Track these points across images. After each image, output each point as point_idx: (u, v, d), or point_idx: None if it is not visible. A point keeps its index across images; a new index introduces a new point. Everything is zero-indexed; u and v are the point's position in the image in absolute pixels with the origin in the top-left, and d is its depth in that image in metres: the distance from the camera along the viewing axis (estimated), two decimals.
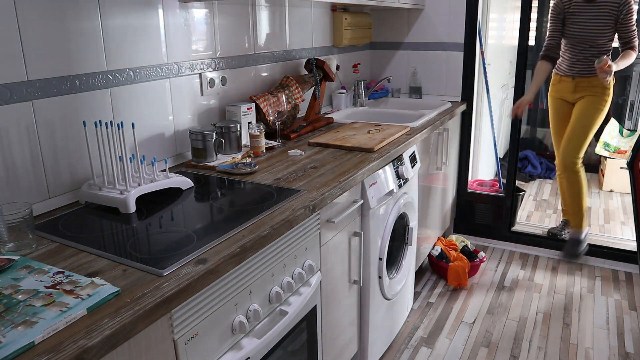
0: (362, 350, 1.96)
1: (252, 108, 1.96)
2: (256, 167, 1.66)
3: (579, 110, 2.70)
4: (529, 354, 2.17)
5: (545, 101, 4.77)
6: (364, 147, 1.90)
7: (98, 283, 0.94)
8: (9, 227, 1.08)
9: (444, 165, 2.79)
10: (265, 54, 2.18)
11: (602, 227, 3.43)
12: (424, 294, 2.63)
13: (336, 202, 1.59)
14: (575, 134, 2.68)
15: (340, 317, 1.74)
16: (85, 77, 1.40)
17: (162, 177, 1.44)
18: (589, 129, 2.67)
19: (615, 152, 4.03)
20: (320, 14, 2.57)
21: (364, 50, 3.11)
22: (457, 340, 2.26)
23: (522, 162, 4.49)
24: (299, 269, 1.40)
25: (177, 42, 1.71)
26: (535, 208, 3.77)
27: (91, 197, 1.36)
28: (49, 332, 0.81)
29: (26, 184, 1.29)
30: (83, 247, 1.12)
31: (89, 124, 1.43)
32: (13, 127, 1.25)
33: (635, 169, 2.24)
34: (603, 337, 2.28)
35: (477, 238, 3.23)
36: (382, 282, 1.96)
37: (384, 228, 1.94)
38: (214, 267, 1.03)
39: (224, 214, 1.30)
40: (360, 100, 2.82)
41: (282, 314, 1.32)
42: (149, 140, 1.66)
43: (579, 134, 2.67)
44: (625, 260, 2.87)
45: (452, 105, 2.86)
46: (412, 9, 2.98)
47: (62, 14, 1.32)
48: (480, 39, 3.01)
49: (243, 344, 1.19)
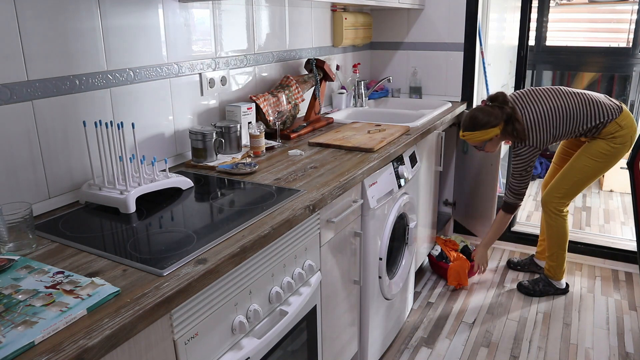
0: (362, 350, 1.96)
1: (252, 108, 1.96)
2: (256, 167, 1.66)
3: (575, 156, 2.43)
4: (529, 354, 2.17)
5: None
6: (364, 147, 1.90)
7: (98, 283, 0.94)
8: (9, 227, 1.08)
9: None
10: (265, 54, 2.18)
11: (602, 227, 3.43)
12: (424, 294, 2.63)
13: (336, 202, 1.59)
14: (561, 174, 2.44)
15: (340, 317, 1.74)
16: (85, 77, 1.40)
17: (162, 177, 1.44)
18: (575, 175, 2.39)
19: None
20: (320, 14, 2.57)
21: (364, 50, 3.11)
22: (457, 340, 2.26)
23: None
24: (299, 269, 1.40)
25: (177, 42, 1.71)
26: (535, 208, 3.77)
27: (91, 197, 1.36)
28: (49, 332, 0.81)
29: (26, 184, 1.29)
30: (83, 247, 1.12)
31: (89, 124, 1.43)
32: (13, 127, 1.25)
33: (635, 169, 2.24)
34: (603, 337, 2.28)
35: (477, 238, 3.23)
36: (382, 282, 1.96)
37: (384, 228, 1.94)
38: (214, 267, 1.03)
39: (224, 214, 1.30)
40: (360, 100, 2.82)
41: (282, 314, 1.32)
42: (149, 140, 1.66)
43: (563, 176, 2.43)
44: (625, 260, 2.87)
45: (452, 105, 2.86)
46: (412, 9, 2.98)
47: (62, 14, 1.32)
48: (480, 39, 3.01)
49: (243, 344, 1.19)
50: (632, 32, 4.35)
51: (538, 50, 4.71)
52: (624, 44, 4.43)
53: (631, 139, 2.30)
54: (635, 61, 4.34)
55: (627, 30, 4.38)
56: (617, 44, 4.47)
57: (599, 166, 2.35)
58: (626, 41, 4.40)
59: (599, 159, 2.32)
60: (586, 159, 2.35)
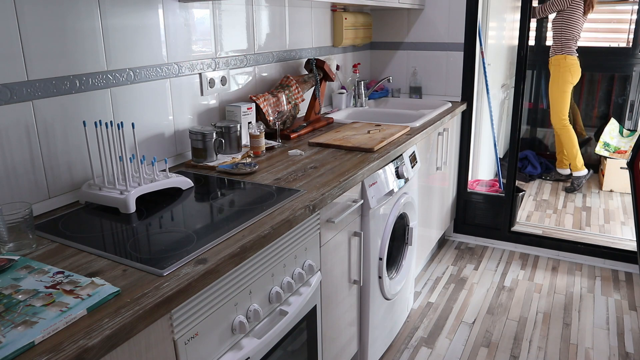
0: (362, 350, 1.96)
1: (252, 108, 1.96)
2: (256, 167, 1.66)
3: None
4: (529, 354, 2.17)
5: (545, 101, 4.77)
6: (364, 147, 1.90)
7: (98, 283, 0.94)
8: (9, 227, 1.08)
9: (444, 165, 2.79)
10: (265, 54, 2.18)
11: (602, 227, 3.43)
12: (424, 294, 2.63)
13: (336, 202, 1.59)
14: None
15: (340, 317, 1.74)
16: (85, 77, 1.41)
17: (162, 177, 1.44)
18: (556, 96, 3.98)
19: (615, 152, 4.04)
20: (320, 14, 2.57)
21: (364, 50, 3.11)
22: (457, 340, 2.26)
23: (522, 162, 4.49)
24: (299, 269, 1.40)
25: (177, 42, 1.71)
26: (535, 208, 3.77)
27: (91, 197, 1.36)
28: (49, 332, 0.81)
29: (26, 184, 1.29)
30: (83, 247, 1.12)
31: (89, 124, 1.43)
32: (13, 127, 1.25)
33: (635, 169, 2.24)
34: (603, 337, 2.28)
35: (477, 238, 3.23)
36: (382, 282, 1.96)
37: (384, 228, 1.94)
38: (214, 267, 1.03)
39: (224, 214, 1.30)
40: (361, 100, 2.82)
41: (282, 314, 1.32)
42: (149, 140, 1.66)
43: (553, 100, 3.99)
44: (625, 260, 2.87)
45: (452, 105, 2.86)
46: (412, 9, 2.98)
47: (62, 14, 1.32)
48: (480, 39, 3.01)
49: (243, 344, 1.19)
50: (632, 32, 4.35)
51: (538, 50, 4.70)
52: (624, 44, 4.43)
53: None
54: (635, 61, 4.34)
55: (627, 30, 4.38)
56: (617, 44, 4.47)
57: (565, 83, 3.90)
58: (626, 41, 4.39)
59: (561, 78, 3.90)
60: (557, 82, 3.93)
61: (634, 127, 4.39)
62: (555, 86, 3.94)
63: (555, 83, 3.94)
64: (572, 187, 4.01)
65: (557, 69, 3.91)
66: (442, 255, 3.08)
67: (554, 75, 3.95)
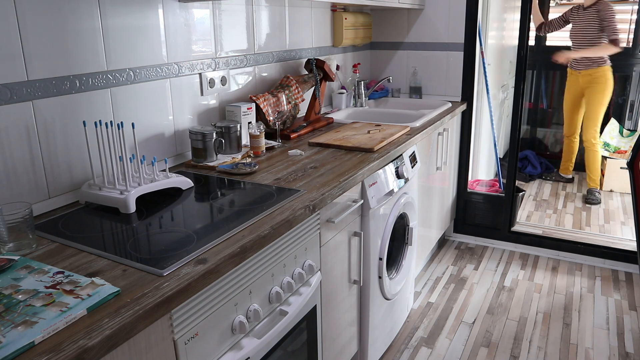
0: (362, 350, 1.96)
1: (252, 108, 1.96)
2: (256, 167, 1.66)
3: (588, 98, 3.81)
4: (529, 354, 2.17)
5: (545, 102, 4.78)
6: (364, 147, 1.90)
7: (98, 283, 0.94)
8: (9, 227, 1.08)
9: (444, 165, 2.79)
10: (265, 54, 2.18)
11: (602, 227, 3.43)
12: (424, 294, 2.63)
13: (336, 202, 1.59)
14: (590, 116, 3.79)
15: (340, 317, 1.74)
16: (85, 77, 1.41)
17: (162, 177, 1.44)
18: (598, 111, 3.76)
19: (615, 152, 4.04)
20: (320, 14, 2.57)
21: (364, 50, 3.11)
22: (457, 340, 2.26)
23: (522, 162, 4.49)
24: (299, 269, 1.40)
25: (177, 42, 1.71)
26: (535, 208, 3.77)
27: (91, 197, 1.36)
28: (49, 332, 0.81)
29: (26, 184, 1.29)
30: (83, 247, 1.12)
31: (89, 124, 1.43)
32: (13, 127, 1.25)
33: (635, 169, 2.24)
34: (603, 337, 2.28)
35: (477, 238, 3.23)
36: (382, 282, 1.96)
37: (384, 228, 1.94)
38: (214, 267, 1.03)
39: (224, 214, 1.30)
40: (361, 100, 2.82)
41: (282, 314, 1.32)
42: (149, 140, 1.66)
43: (591, 117, 3.78)
44: (625, 260, 2.87)
45: (452, 105, 2.86)
46: (412, 9, 2.98)
47: (62, 14, 1.32)
48: (480, 39, 3.01)
49: (243, 344, 1.19)
50: (632, 32, 4.35)
51: (538, 50, 4.71)
52: (624, 44, 4.42)
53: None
54: (635, 61, 4.34)
55: (627, 30, 4.38)
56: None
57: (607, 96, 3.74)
58: (626, 41, 4.39)
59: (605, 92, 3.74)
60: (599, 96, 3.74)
61: (634, 127, 4.39)
62: (598, 99, 3.72)
63: (599, 96, 3.72)
64: (596, 199, 3.84)
65: (602, 80, 3.69)
66: (442, 255, 3.08)
67: (598, 87, 3.71)
